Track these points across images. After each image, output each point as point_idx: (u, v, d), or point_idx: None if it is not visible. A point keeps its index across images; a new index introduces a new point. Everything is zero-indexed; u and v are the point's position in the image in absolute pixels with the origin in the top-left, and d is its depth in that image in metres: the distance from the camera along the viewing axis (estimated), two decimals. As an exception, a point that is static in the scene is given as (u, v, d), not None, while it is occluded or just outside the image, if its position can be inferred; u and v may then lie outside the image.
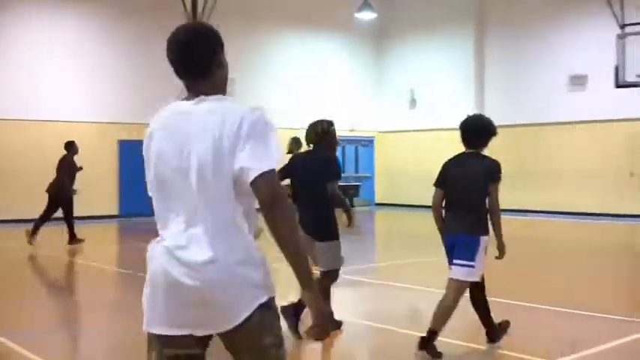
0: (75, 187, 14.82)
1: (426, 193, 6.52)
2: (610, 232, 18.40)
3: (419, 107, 26.51)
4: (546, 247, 15.12)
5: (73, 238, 14.54)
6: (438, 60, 25.91)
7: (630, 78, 18.41)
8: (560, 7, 23.06)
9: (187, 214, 2.72)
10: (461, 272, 5.99)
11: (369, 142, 28.12)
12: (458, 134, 6.31)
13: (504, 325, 6.44)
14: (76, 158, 14.95)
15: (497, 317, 6.34)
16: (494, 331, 6.32)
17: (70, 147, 14.82)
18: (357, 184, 26.92)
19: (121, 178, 21.74)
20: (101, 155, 21.09)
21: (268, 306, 2.75)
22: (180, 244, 2.71)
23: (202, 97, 2.78)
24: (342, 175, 8.00)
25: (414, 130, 26.29)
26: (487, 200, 6.09)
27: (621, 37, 18.49)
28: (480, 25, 25.35)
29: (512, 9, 24.39)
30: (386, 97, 27.86)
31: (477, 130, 6.36)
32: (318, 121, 7.06)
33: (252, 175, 2.63)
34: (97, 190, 20.42)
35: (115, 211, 21.75)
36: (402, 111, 27.12)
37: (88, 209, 19.44)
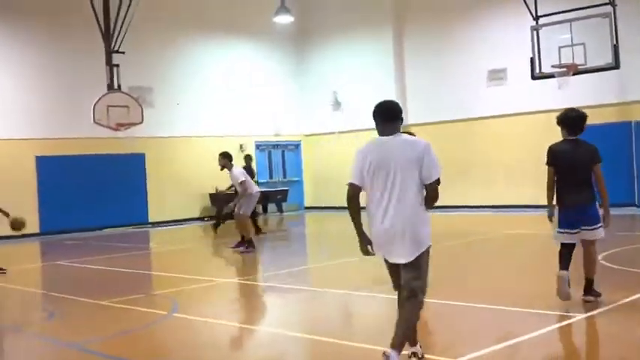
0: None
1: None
2: (527, 224, 17.75)
3: (343, 109, 26.47)
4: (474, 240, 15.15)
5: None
6: (359, 61, 25.97)
7: (546, 69, 18.66)
8: (475, 2, 23.41)
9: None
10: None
11: (295, 147, 27.96)
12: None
13: None
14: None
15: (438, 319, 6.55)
16: None
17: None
18: (285, 188, 26.76)
19: (39, 194, 21.20)
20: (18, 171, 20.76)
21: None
22: None
23: (396, 133, 5.50)
24: (270, 180, 7.66)
25: (340, 132, 26.15)
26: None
27: (535, 29, 18.70)
28: (397, 25, 25.47)
29: (428, 7, 24.64)
30: (310, 101, 27.76)
31: (574, 121, 7.70)
32: None
33: (431, 179, 5.31)
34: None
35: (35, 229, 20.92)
36: (326, 113, 27.02)
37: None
